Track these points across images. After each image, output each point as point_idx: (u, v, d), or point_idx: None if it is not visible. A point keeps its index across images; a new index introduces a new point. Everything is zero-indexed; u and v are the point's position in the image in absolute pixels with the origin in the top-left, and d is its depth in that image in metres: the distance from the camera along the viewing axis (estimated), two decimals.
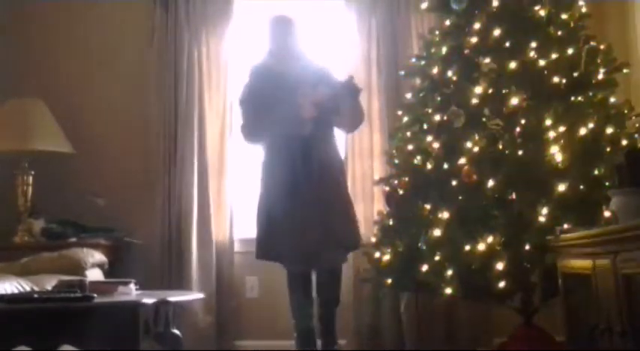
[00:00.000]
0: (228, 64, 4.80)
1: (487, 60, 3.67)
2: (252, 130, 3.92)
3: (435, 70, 3.87)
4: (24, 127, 4.40)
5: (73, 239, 4.31)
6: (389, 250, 3.73)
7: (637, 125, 3.48)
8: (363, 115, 4.05)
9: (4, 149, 4.41)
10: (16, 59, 4.88)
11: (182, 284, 4.49)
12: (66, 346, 2.60)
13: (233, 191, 4.70)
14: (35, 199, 4.47)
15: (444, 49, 3.86)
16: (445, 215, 3.48)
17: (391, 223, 3.84)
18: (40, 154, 4.45)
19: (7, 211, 4.47)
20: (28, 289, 2.98)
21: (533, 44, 3.65)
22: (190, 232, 4.58)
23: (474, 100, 3.63)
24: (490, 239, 3.32)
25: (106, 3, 4.94)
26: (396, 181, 3.90)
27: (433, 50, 3.96)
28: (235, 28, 4.86)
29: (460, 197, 3.51)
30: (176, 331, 3.28)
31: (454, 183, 3.54)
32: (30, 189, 4.45)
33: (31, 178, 4.47)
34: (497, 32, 3.69)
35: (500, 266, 3.30)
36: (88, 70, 4.89)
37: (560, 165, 3.40)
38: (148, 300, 2.79)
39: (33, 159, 4.50)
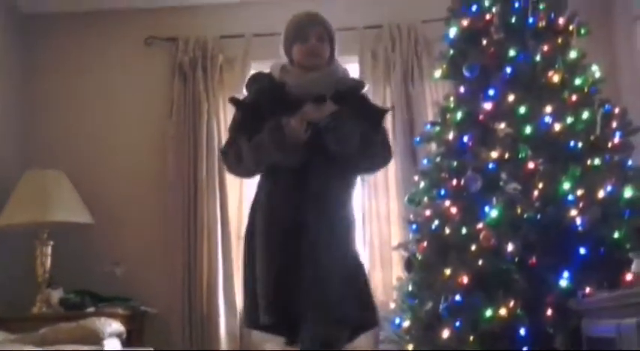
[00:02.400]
0: None
1: (502, 125, 3.70)
2: (232, 155, 2.80)
3: (451, 136, 3.89)
4: (44, 199, 4.44)
5: (91, 309, 4.30)
6: (409, 316, 3.69)
7: None
8: (389, 152, 2.93)
9: (24, 221, 4.43)
10: (36, 130, 4.97)
11: None
12: None
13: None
14: (53, 270, 4.47)
15: (459, 115, 3.89)
16: (465, 280, 3.44)
17: (410, 288, 3.81)
18: (60, 225, 4.48)
19: (26, 281, 4.47)
20: None
21: (548, 109, 3.68)
22: (217, 300, 4.55)
23: (491, 165, 3.64)
24: (511, 304, 3.28)
25: (126, 75, 5.06)
26: (414, 246, 3.88)
27: (448, 116, 3.99)
28: None
29: (480, 262, 3.48)
30: None
31: (473, 247, 3.52)
32: (49, 259, 4.46)
33: (49, 249, 4.48)
34: (511, 98, 3.73)
35: (522, 331, 3.25)
36: (107, 142, 4.96)
37: (579, 228, 3.38)
38: None
39: (52, 229, 4.52)
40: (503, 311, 3.29)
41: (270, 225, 2.70)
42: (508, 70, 3.81)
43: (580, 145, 3.61)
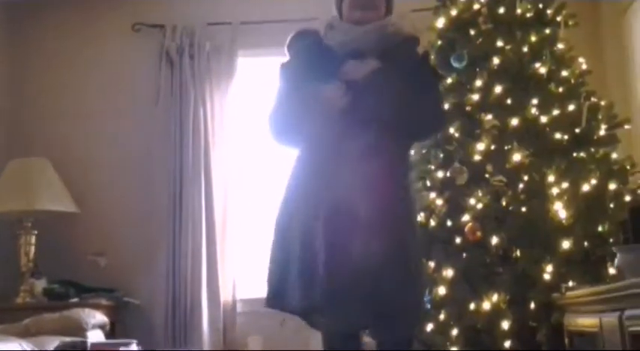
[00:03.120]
0: (233, 120, 4.85)
1: (489, 117, 3.70)
2: (279, 122, 2.60)
3: None
4: (28, 187, 4.41)
5: (75, 300, 4.28)
6: None
7: (639, 181, 3.47)
8: (440, 118, 2.70)
9: (8, 209, 4.40)
10: (21, 118, 4.93)
11: (189, 344, 4.43)
12: None
13: (236, 250, 4.68)
14: (37, 259, 4.45)
15: (446, 106, 3.88)
16: (450, 273, 3.45)
17: None
18: (44, 213, 4.45)
19: (10, 271, 4.43)
20: (29, 350, 2.95)
21: (535, 101, 3.67)
22: (200, 292, 4.52)
23: (477, 157, 3.63)
24: (495, 297, 3.29)
25: (112, 62, 5.02)
26: None
27: None
28: (239, 85, 4.92)
29: (464, 255, 3.48)
30: None
31: (458, 240, 3.52)
32: (32, 249, 4.43)
33: (34, 238, 4.45)
34: (498, 89, 3.72)
35: (505, 325, 3.26)
36: (93, 129, 4.91)
37: (564, 221, 3.38)
38: None
39: (36, 218, 4.49)
40: (487, 305, 3.29)
41: (307, 207, 2.42)
42: (495, 61, 3.80)
43: (566, 137, 3.61)
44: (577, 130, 3.63)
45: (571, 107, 3.67)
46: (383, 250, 2.32)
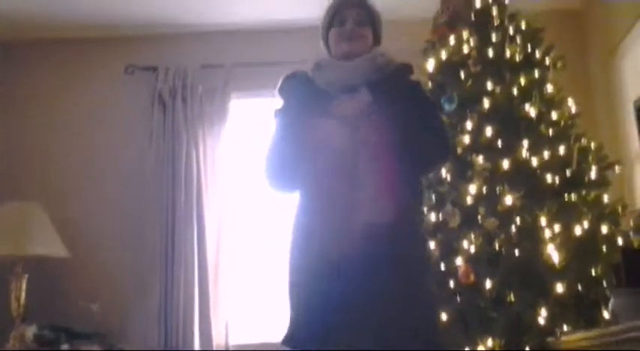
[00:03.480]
0: (225, 163, 4.85)
1: (480, 159, 3.71)
2: (274, 166, 2.48)
3: None
4: (19, 231, 4.38)
5: (66, 346, 4.21)
6: None
7: (631, 223, 3.48)
8: (446, 142, 2.50)
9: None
10: (13, 162, 4.92)
11: None
12: None
13: (229, 294, 4.64)
14: (28, 304, 4.40)
15: None
16: (444, 317, 3.43)
17: None
18: (35, 258, 4.41)
19: (0, 316, 4.40)
20: None
21: (525, 143, 3.69)
22: (193, 336, 4.46)
23: (469, 199, 3.64)
24: (490, 342, 3.27)
25: (105, 104, 5.03)
26: None
27: None
28: (232, 128, 4.93)
29: (458, 298, 3.47)
30: None
31: (452, 283, 3.51)
32: (23, 294, 4.39)
33: (24, 283, 4.41)
34: (489, 131, 3.74)
35: None
36: (85, 173, 4.91)
37: (557, 264, 3.38)
38: None
39: (27, 263, 4.45)
40: (481, 349, 3.27)
41: (308, 257, 2.30)
42: (486, 103, 3.82)
43: (557, 179, 3.62)
44: (568, 172, 3.65)
45: (561, 149, 3.69)
46: (399, 293, 2.18)
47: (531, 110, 3.80)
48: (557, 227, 3.47)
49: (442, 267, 3.58)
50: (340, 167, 2.28)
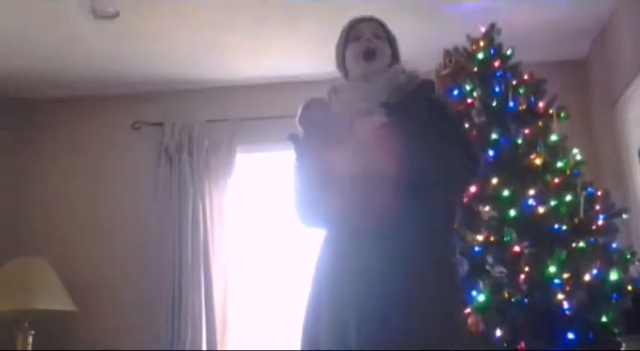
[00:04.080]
0: (232, 216, 4.86)
1: (487, 208, 3.71)
2: (305, 203, 2.35)
3: None
4: (26, 287, 4.38)
5: None
6: None
7: None
8: (472, 159, 2.27)
9: (5, 309, 4.36)
10: (20, 217, 4.94)
11: None
12: None
13: (237, 347, 4.60)
14: None
15: None
16: None
17: None
18: (41, 313, 4.40)
19: None
20: None
21: (532, 192, 3.69)
22: None
23: (477, 248, 3.63)
24: None
25: (112, 160, 5.08)
26: None
27: None
28: (237, 181, 4.96)
29: (468, 349, 3.43)
30: None
31: None
32: (30, 349, 4.35)
33: (31, 338, 4.38)
34: (495, 181, 3.75)
35: None
36: (92, 227, 4.93)
37: (567, 312, 3.36)
38: None
39: (33, 318, 4.43)
40: None
41: (334, 290, 2.14)
42: (491, 153, 3.84)
43: (564, 227, 3.61)
44: (575, 220, 3.64)
45: (568, 197, 3.69)
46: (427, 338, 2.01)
47: (537, 159, 3.81)
48: (565, 275, 3.44)
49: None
50: (356, 197, 2.15)
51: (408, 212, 2.11)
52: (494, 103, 3.97)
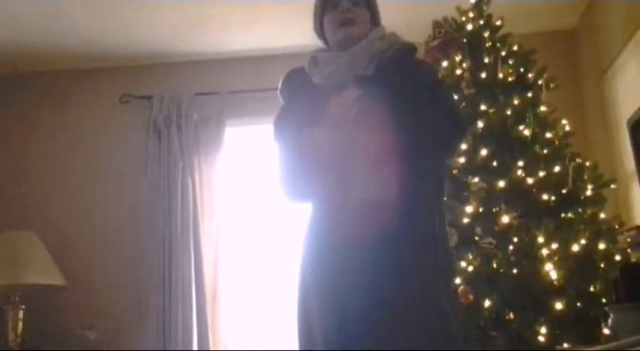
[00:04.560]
0: (222, 190, 4.85)
1: (476, 179, 3.72)
2: (288, 180, 2.29)
3: None
4: (15, 261, 4.37)
5: None
6: None
7: (629, 240, 3.49)
8: (455, 122, 2.20)
9: None
10: (7, 191, 4.92)
11: None
12: None
13: (227, 321, 4.62)
14: (25, 334, 4.38)
15: None
16: None
17: None
18: (32, 287, 4.40)
19: None
20: None
21: (520, 163, 3.70)
22: None
23: (466, 219, 3.64)
24: None
25: (101, 133, 5.05)
26: None
27: None
28: (227, 155, 4.94)
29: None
30: None
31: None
32: (20, 324, 4.36)
33: (21, 313, 4.39)
34: (484, 152, 3.75)
35: None
36: (80, 201, 4.92)
37: (555, 282, 3.38)
38: None
39: (24, 293, 4.43)
40: None
41: (316, 264, 2.14)
42: (480, 124, 3.84)
43: (553, 198, 3.63)
44: (564, 191, 3.66)
45: (557, 168, 3.70)
46: (414, 321, 1.99)
47: (525, 131, 3.81)
48: (554, 245, 3.46)
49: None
50: (336, 174, 2.13)
51: (392, 182, 2.06)
52: (483, 75, 3.96)
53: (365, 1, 2.34)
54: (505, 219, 3.55)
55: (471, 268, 3.49)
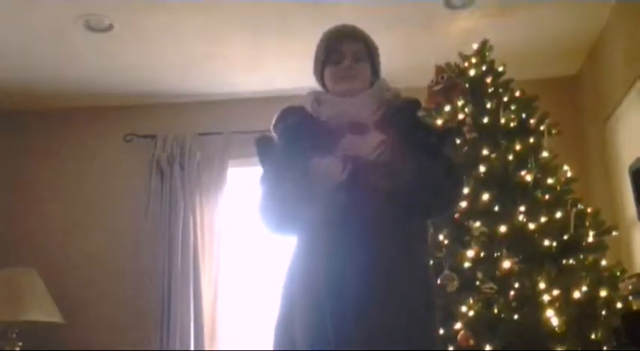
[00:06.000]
0: (222, 230, 4.85)
1: (477, 224, 3.71)
2: (270, 210, 2.25)
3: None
4: (14, 298, 4.36)
5: None
6: None
7: (630, 287, 3.47)
8: (459, 183, 2.33)
9: None
10: (10, 228, 4.92)
11: None
12: None
13: None
14: None
15: None
16: None
17: None
18: (30, 324, 4.37)
19: None
20: None
21: (522, 208, 3.70)
22: None
23: (467, 264, 3.63)
24: None
25: (104, 172, 5.07)
26: None
27: None
28: (229, 195, 4.95)
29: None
30: None
31: (451, 348, 3.47)
32: None
33: (18, 349, 4.36)
34: (485, 196, 3.75)
35: None
36: (81, 239, 4.91)
37: (557, 329, 3.36)
38: None
39: (21, 330, 4.41)
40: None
41: (308, 294, 2.08)
42: (482, 168, 3.85)
43: (554, 244, 3.62)
44: (565, 237, 3.65)
45: (558, 214, 3.70)
46: (402, 341, 1.98)
47: (527, 176, 3.82)
48: (555, 292, 3.45)
49: (441, 331, 3.54)
50: (341, 205, 2.08)
51: (391, 226, 2.10)
52: (485, 120, 3.98)
53: (367, 54, 2.37)
54: (506, 264, 3.54)
55: (471, 313, 3.47)
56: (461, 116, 4.02)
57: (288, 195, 2.16)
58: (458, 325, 3.48)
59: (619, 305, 3.41)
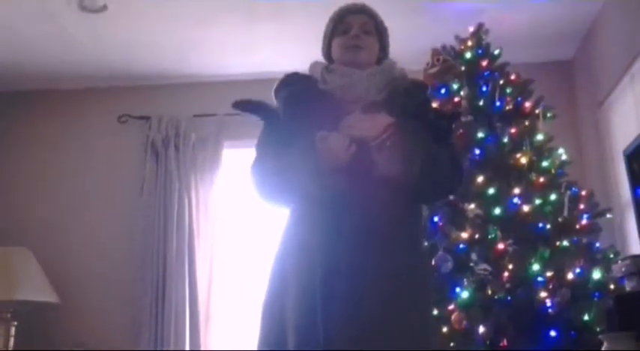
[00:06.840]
0: (217, 210, 4.86)
1: (472, 206, 3.73)
2: (268, 180, 2.19)
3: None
4: (8, 277, 4.36)
5: None
6: None
7: (623, 270, 3.49)
8: (460, 172, 2.26)
9: None
10: (4, 209, 4.91)
11: None
12: None
13: (220, 340, 4.61)
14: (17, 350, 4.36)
15: None
16: None
17: None
18: (24, 304, 4.38)
19: None
20: None
21: (517, 190, 3.72)
22: None
23: (461, 245, 3.65)
24: None
25: (98, 153, 5.06)
26: None
27: None
28: (224, 176, 4.95)
29: (452, 344, 3.45)
30: None
31: (445, 329, 3.49)
32: (12, 340, 4.34)
33: (13, 329, 4.37)
34: (480, 179, 3.77)
35: None
36: (76, 219, 4.92)
37: (550, 310, 3.38)
38: None
39: (16, 309, 4.41)
40: None
41: (300, 272, 2.04)
42: (477, 151, 3.86)
43: (548, 226, 3.64)
44: (559, 219, 3.67)
45: (552, 197, 3.72)
46: (398, 324, 1.95)
47: (522, 159, 3.84)
48: (549, 273, 3.47)
49: (435, 312, 3.56)
50: (342, 184, 2.04)
51: (391, 209, 2.07)
52: (480, 103, 3.99)
53: (376, 31, 2.35)
54: (500, 246, 3.56)
55: (465, 294, 3.49)
56: (456, 99, 4.03)
57: (289, 167, 2.10)
58: (451, 307, 3.50)
59: (612, 287, 3.44)
